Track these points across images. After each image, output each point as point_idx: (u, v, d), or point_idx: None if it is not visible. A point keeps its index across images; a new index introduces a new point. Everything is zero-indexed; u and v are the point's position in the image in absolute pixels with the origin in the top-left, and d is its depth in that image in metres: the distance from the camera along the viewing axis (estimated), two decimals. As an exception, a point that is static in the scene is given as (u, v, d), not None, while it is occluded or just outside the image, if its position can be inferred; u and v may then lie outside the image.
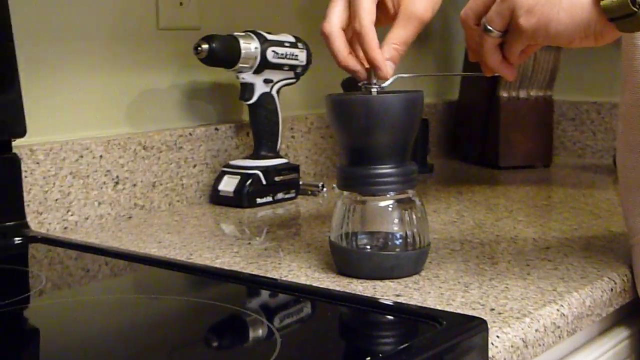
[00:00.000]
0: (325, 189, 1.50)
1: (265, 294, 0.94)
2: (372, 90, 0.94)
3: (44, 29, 1.25)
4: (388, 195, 0.96)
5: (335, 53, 0.95)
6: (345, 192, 0.97)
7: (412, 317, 0.82)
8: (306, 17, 1.66)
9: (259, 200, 1.40)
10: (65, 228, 1.24)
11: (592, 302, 0.91)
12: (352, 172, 0.96)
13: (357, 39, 0.94)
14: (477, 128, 1.88)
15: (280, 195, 1.43)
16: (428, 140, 1.78)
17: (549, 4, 0.83)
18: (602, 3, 0.81)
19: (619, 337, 1.06)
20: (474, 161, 1.89)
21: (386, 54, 0.93)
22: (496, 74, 0.94)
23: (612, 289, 0.95)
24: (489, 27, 0.88)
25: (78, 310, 0.93)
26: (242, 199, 1.39)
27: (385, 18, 0.97)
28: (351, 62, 0.95)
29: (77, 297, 0.99)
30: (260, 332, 0.83)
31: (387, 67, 0.93)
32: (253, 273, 0.99)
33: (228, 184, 1.40)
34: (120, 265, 1.08)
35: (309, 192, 1.49)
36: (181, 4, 1.43)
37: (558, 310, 0.86)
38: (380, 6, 0.96)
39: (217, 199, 1.42)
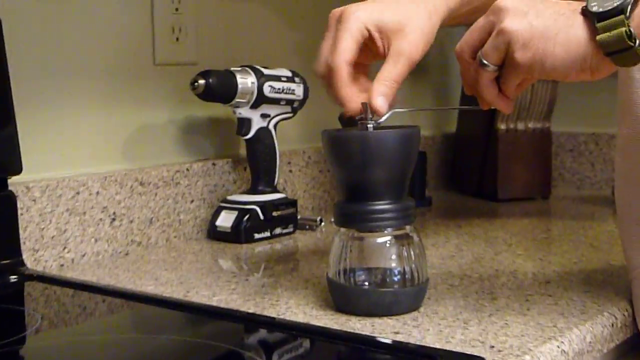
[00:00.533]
0: (323, 223, 1.49)
1: (262, 332, 0.93)
2: (369, 125, 0.94)
3: (40, 65, 1.25)
4: (386, 232, 0.95)
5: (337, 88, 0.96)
6: (342, 229, 0.97)
7: (411, 356, 0.81)
8: (303, 52, 1.66)
9: (256, 236, 1.39)
10: (62, 265, 1.24)
11: (592, 338, 0.90)
12: (349, 208, 0.95)
13: (329, 74, 0.95)
14: (476, 160, 1.88)
15: (278, 230, 1.43)
16: (426, 173, 1.78)
17: (545, 39, 0.83)
18: (598, 37, 0.81)
19: (621, 373, 1.05)
20: (473, 193, 1.89)
21: (380, 90, 0.93)
22: (493, 107, 0.94)
23: (612, 324, 0.94)
24: (485, 62, 0.88)
25: (75, 350, 0.92)
26: (239, 234, 1.38)
27: (375, 56, 0.98)
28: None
29: (74, 336, 0.99)
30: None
31: (377, 98, 0.93)
32: (250, 311, 0.98)
33: (225, 220, 1.40)
34: (117, 303, 1.07)
35: (307, 227, 1.49)
36: (177, 39, 1.43)
37: (558, 347, 0.85)
38: (371, 45, 0.97)
39: (214, 234, 1.41)
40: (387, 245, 0.96)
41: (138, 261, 1.27)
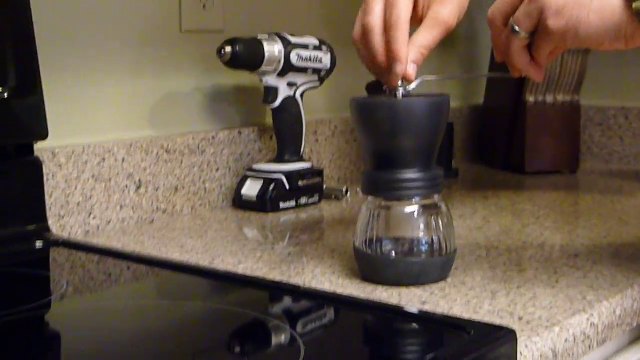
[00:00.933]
0: (349, 194, 1.48)
1: (288, 300, 0.93)
2: (398, 93, 0.93)
3: (65, 32, 1.25)
4: (413, 201, 0.94)
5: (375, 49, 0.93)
6: (369, 197, 0.96)
7: (438, 326, 0.80)
8: (331, 20, 1.65)
9: (282, 205, 1.39)
10: (87, 232, 1.24)
11: (622, 311, 0.89)
12: (377, 177, 0.94)
13: (388, 31, 0.91)
14: (503, 133, 1.86)
15: (303, 200, 1.42)
16: (453, 145, 1.76)
17: (579, 6, 0.82)
18: (634, 5, 0.79)
19: (650, 347, 1.04)
20: (500, 166, 1.87)
21: (411, 55, 0.91)
22: (524, 75, 0.92)
23: (643, 298, 0.93)
24: (517, 29, 0.86)
25: (99, 316, 0.92)
26: (265, 203, 1.37)
27: (413, 20, 0.95)
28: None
29: (99, 302, 0.99)
30: (283, 338, 0.82)
31: (409, 65, 0.92)
32: (276, 279, 0.97)
33: (251, 189, 1.39)
34: (142, 270, 1.07)
35: (333, 197, 1.48)
36: (204, 6, 1.42)
37: (588, 319, 0.84)
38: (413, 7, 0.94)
39: (240, 203, 1.41)
40: (415, 214, 0.95)
41: (163, 229, 1.27)
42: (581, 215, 1.36)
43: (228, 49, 1.32)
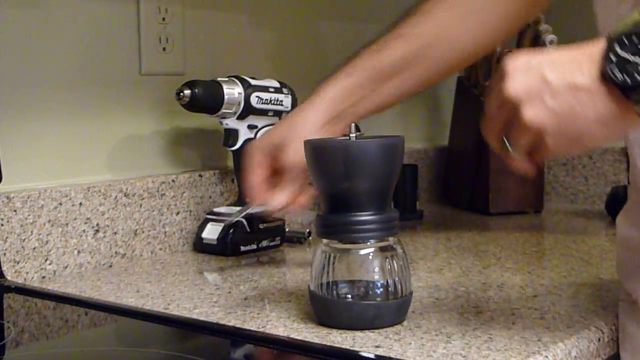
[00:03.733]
0: (311, 237, 1.47)
1: (241, 347, 0.92)
2: (351, 135, 0.92)
3: (20, 73, 1.24)
4: (368, 243, 0.93)
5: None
6: (324, 240, 0.95)
7: (390, 370, 0.79)
8: (291, 63, 1.65)
9: (243, 248, 1.37)
10: (44, 277, 1.22)
11: (578, 353, 0.88)
12: (332, 220, 0.93)
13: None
14: (468, 173, 1.86)
15: (265, 243, 1.41)
16: (417, 186, 1.76)
17: (574, 120, 0.77)
18: (637, 109, 0.75)
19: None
20: (465, 207, 1.87)
21: (276, 200, 1.08)
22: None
23: (599, 339, 0.93)
24: (516, 150, 0.82)
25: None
26: (225, 247, 1.36)
27: None
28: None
29: (55, 349, 0.97)
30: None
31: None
32: (230, 324, 0.96)
33: (212, 232, 1.38)
34: (99, 316, 1.06)
35: (295, 240, 1.47)
36: (164, 49, 1.42)
37: (543, 361, 0.83)
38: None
39: (200, 246, 1.39)
40: (370, 257, 0.94)
41: (121, 273, 1.25)
42: (543, 255, 1.36)
43: (187, 91, 1.31)
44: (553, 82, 0.76)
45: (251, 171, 1.09)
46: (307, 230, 1.48)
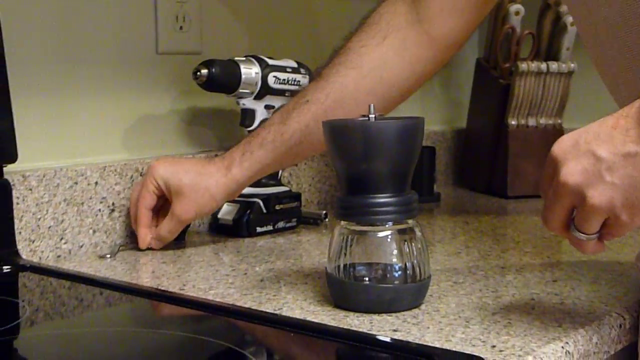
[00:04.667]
0: (327, 218, 1.46)
1: (257, 329, 0.91)
2: (371, 116, 0.91)
3: (39, 52, 1.23)
4: (387, 226, 0.92)
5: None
6: (342, 222, 0.94)
7: (408, 354, 0.78)
8: (309, 42, 1.63)
9: (259, 229, 1.37)
10: (59, 256, 1.21)
11: (599, 339, 0.87)
12: (350, 201, 0.92)
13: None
14: (485, 157, 1.85)
15: (281, 224, 1.40)
16: (435, 169, 1.75)
17: (639, 186, 0.75)
18: None
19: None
20: (482, 190, 1.85)
21: (145, 242, 1.24)
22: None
23: (620, 325, 0.91)
24: (585, 235, 0.80)
25: (69, 342, 0.90)
26: (241, 227, 1.35)
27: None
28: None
29: (69, 328, 0.97)
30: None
31: (147, 243, 1.24)
32: (246, 306, 0.95)
33: (227, 212, 1.37)
34: (114, 296, 1.05)
35: (311, 221, 1.46)
36: (181, 28, 1.41)
37: (563, 347, 0.82)
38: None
39: (216, 227, 1.39)
40: (389, 239, 0.93)
41: (136, 253, 1.24)
42: (562, 240, 1.34)
43: (204, 71, 1.30)
44: (606, 157, 0.76)
45: (142, 199, 1.23)
46: (324, 212, 1.47)
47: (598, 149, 0.76)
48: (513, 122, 1.76)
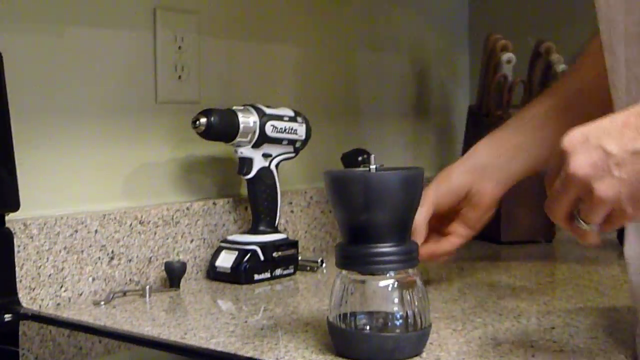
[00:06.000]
0: (324, 265, 1.47)
1: (260, 377, 0.91)
2: (371, 167, 0.93)
3: (40, 101, 1.24)
4: (388, 275, 0.93)
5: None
6: (344, 271, 0.95)
7: (412, 403, 0.79)
8: (306, 91, 1.65)
9: (256, 277, 1.37)
10: (58, 304, 1.22)
11: (599, 387, 0.88)
12: (351, 251, 0.93)
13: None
14: (479, 202, 1.86)
15: (278, 271, 1.41)
16: (429, 215, 1.76)
17: None
18: None
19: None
20: (476, 236, 1.86)
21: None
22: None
23: (619, 373, 0.92)
24: (588, 225, 0.83)
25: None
26: (239, 275, 1.36)
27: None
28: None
29: (68, 377, 0.97)
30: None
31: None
32: (248, 355, 0.96)
33: (225, 260, 1.38)
34: (113, 345, 1.05)
35: (308, 268, 1.47)
36: (180, 77, 1.43)
37: (564, 396, 0.83)
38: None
39: (214, 274, 1.39)
40: (390, 289, 0.94)
41: (136, 301, 1.25)
42: (557, 285, 1.36)
43: (203, 119, 1.32)
44: (616, 153, 0.77)
45: (421, 209, 1.18)
46: (320, 258, 1.48)
47: (608, 145, 0.78)
48: (506, 169, 1.78)
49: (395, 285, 0.94)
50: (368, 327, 0.95)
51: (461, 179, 1.25)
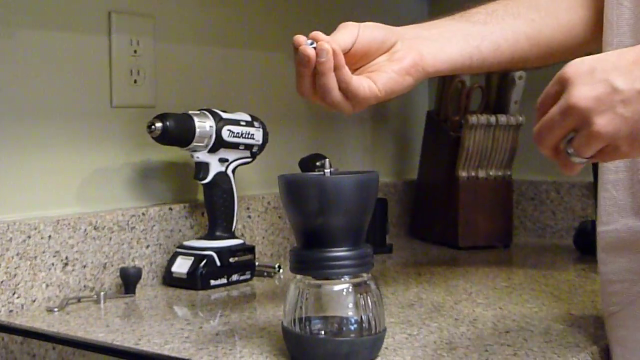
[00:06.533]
0: (281, 271, 1.47)
1: (214, 382, 0.91)
2: (326, 171, 0.92)
3: (-8, 106, 1.23)
4: (343, 279, 0.93)
5: None
6: (298, 276, 0.95)
7: (365, 408, 0.78)
8: (263, 96, 1.65)
9: (213, 282, 1.36)
10: (11, 311, 1.20)
11: (552, 390, 0.89)
12: (305, 255, 0.93)
13: None
14: (437, 208, 1.87)
15: (235, 277, 1.40)
16: (387, 220, 1.76)
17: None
18: None
19: None
20: (434, 241, 1.87)
21: None
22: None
23: (573, 376, 0.93)
24: (579, 158, 0.81)
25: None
26: (195, 280, 1.35)
27: None
28: None
29: (20, 385, 0.95)
30: None
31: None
32: (202, 360, 0.95)
33: (181, 265, 1.37)
34: (67, 352, 1.04)
35: (265, 274, 1.46)
36: (135, 81, 1.41)
37: (517, 399, 0.83)
38: None
39: (170, 280, 1.38)
40: (344, 293, 0.94)
41: (90, 307, 1.24)
42: (514, 290, 1.36)
43: (158, 124, 1.31)
44: (623, 89, 0.76)
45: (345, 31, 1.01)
46: (277, 264, 1.47)
47: (616, 80, 0.77)
48: (463, 174, 1.79)
49: (350, 290, 0.93)
50: (323, 332, 0.94)
51: (393, 30, 1.06)
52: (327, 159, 0.94)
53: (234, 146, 1.40)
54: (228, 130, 1.38)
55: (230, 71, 1.59)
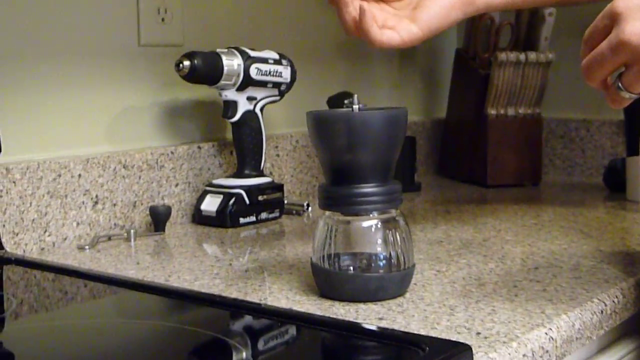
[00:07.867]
0: (310, 209, 1.47)
1: (244, 318, 0.91)
2: (355, 107, 0.92)
3: (18, 47, 1.23)
4: (371, 215, 0.93)
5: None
6: (327, 212, 0.95)
7: (394, 342, 0.79)
8: (291, 34, 1.64)
9: (242, 220, 1.37)
10: (42, 249, 1.21)
11: (581, 325, 0.88)
12: (334, 192, 0.93)
13: None
14: (465, 146, 1.86)
15: (264, 215, 1.41)
16: (415, 158, 1.76)
17: None
18: None
19: (610, 361, 1.04)
20: (463, 179, 1.87)
21: None
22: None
23: (602, 311, 0.93)
24: (630, 93, 0.81)
25: (54, 334, 0.90)
26: (224, 218, 1.36)
27: None
28: None
29: (54, 321, 0.96)
30: (238, 358, 0.81)
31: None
32: (232, 296, 0.96)
33: (210, 204, 1.38)
34: (98, 288, 1.05)
35: (294, 212, 1.47)
36: (163, 20, 1.41)
37: (546, 334, 0.83)
38: None
39: (199, 218, 1.39)
40: (373, 229, 0.94)
41: (120, 245, 1.25)
42: (542, 227, 1.36)
43: (186, 62, 1.30)
44: None
45: None
46: (306, 202, 1.47)
47: None
48: (492, 112, 1.78)
49: (379, 226, 0.93)
50: (352, 268, 0.95)
51: None
52: (355, 95, 0.93)
53: (262, 84, 1.40)
54: (256, 68, 1.38)
55: (258, 9, 1.58)
